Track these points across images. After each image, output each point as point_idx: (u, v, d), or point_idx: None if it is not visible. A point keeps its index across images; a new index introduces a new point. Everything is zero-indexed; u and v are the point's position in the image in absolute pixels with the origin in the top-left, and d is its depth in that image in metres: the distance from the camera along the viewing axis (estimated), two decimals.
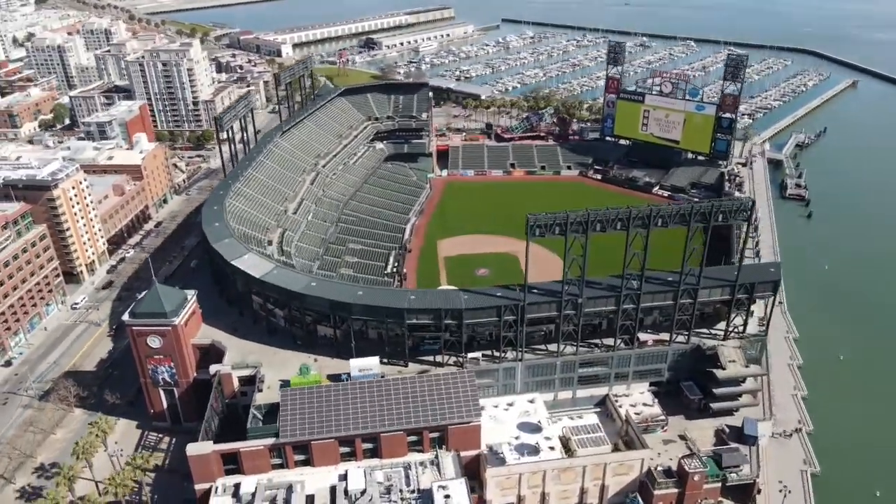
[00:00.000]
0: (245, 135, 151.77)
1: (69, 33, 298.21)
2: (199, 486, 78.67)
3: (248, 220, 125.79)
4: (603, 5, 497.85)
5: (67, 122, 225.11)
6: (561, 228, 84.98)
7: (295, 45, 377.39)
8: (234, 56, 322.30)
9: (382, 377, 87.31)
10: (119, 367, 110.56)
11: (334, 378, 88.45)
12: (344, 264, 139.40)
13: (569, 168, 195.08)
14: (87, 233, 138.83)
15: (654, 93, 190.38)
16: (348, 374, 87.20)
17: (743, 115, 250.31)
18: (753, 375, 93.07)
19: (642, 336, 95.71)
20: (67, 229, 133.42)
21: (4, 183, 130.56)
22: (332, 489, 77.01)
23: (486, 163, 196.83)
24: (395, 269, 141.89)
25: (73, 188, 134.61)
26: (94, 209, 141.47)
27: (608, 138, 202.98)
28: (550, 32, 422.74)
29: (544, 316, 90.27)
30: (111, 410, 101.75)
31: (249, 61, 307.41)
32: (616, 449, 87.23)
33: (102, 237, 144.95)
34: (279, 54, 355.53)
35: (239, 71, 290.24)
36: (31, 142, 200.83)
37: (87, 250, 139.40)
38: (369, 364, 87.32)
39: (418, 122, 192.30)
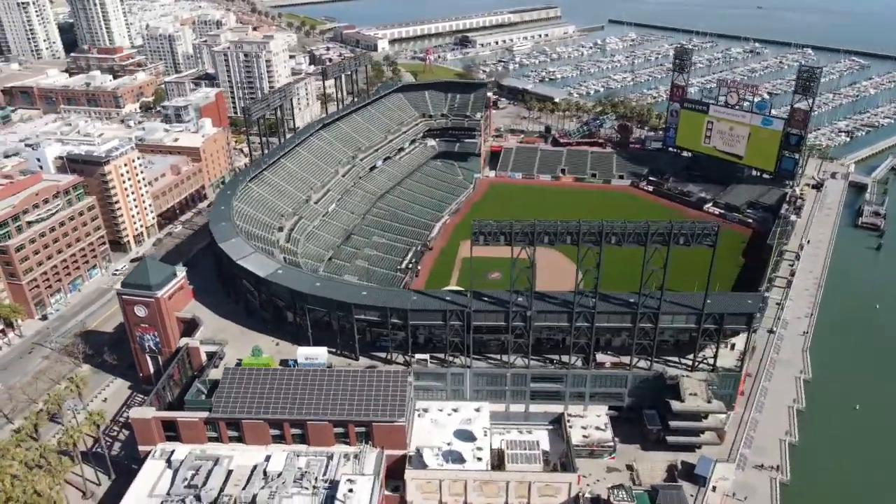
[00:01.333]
0: (286, 126, 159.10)
1: (182, 24, 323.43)
2: (142, 448, 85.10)
3: (266, 205, 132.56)
4: (731, 7, 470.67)
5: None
6: (506, 238, 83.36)
7: (391, 41, 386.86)
8: (328, 49, 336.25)
9: (329, 367, 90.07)
10: None
11: (284, 363, 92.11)
12: (362, 256, 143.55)
13: (621, 177, 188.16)
14: (136, 206, 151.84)
15: (719, 103, 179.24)
16: (295, 361, 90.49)
17: (841, 131, 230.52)
18: (713, 412, 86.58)
19: (600, 357, 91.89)
20: (116, 202, 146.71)
21: (68, 157, 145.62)
22: (254, 467, 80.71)
23: (536, 166, 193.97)
24: (409, 266, 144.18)
25: (125, 165, 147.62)
26: (145, 185, 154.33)
27: (670, 149, 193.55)
28: (655, 35, 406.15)
29: (492, 325, 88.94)
30: (111, 370, 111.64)
31: (340, 55, 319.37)
32: (554, 469, 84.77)
33: (152, 212, 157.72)
34: (375, 49, 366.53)
35: (328, 63, 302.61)
36: (122, 121, 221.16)
37: (135, 223, 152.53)
38: (316, 353, 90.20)
39: (471, 121, 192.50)
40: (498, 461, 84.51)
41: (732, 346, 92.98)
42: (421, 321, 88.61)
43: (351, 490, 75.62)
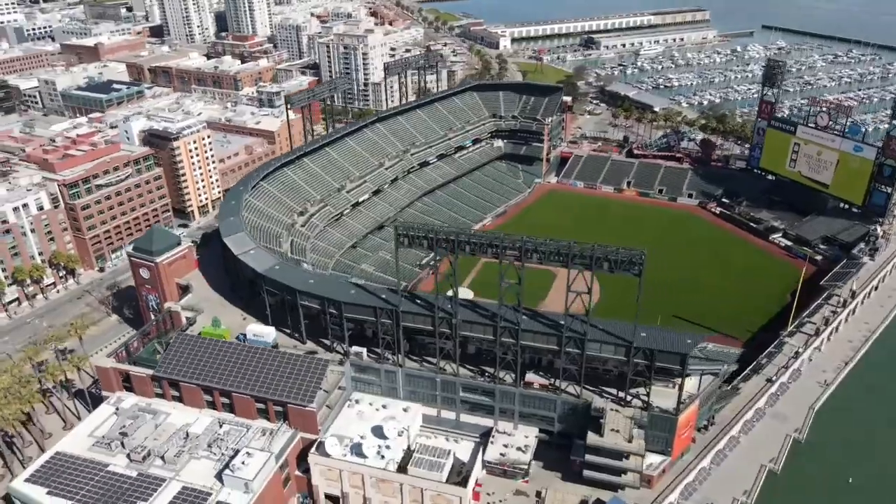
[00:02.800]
0: (332, 116, 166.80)
1: (314, 15, 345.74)
2: (104, 394, 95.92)
3: (295, 189, 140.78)
4: None
5: None
6: (429, 243, 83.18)
7: (514, 40, 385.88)
8: (445, 45, 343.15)
9: (275, 347, 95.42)
10: None
11: (238, 338, 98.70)
12: (387, 248, 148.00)
13: (690, 196, 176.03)
14: (202, 180, 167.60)
15: (808, 124, 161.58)
16: (245, 336, 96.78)
17: None
18: (631, 452, 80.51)
19: (531, 377, 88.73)
20: (183, 174, 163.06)
21: (147, 132, 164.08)
22: (182, 426, 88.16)
23: (601, 177, 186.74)
24: (430, 262, 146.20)
25: (195, 142, 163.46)
26: (213, 161, 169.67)
27: (756, 171, 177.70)
28: (808, 44, 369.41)
29: (419, 327, 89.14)
30: (131, 323, 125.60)
31: (454, 52, 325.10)
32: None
33: (219, 186, 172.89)
34: (497, 46, 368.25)
35: (438, 59, 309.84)
36: (235, 103, 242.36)
37: (200, 195, 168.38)
38: (264, 332, 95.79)
39: (540, 125, 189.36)
40: (405, 463, 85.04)
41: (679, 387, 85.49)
42: (354, 314, 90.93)
43: (244, 462, 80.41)
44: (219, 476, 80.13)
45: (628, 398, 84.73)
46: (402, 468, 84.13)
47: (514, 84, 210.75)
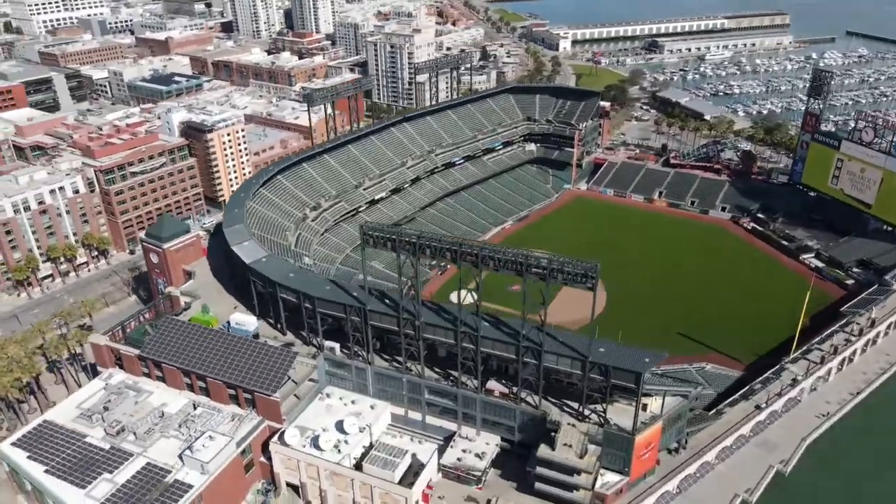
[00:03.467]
0: (359, 116, 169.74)
1: (381, 13, 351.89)
2: (99, 369, 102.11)
3: (311, 184, 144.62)
4: None
5: None
6: (392, 245, 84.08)
7: (575, 42, 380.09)
8: (501, 46, 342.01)
9: (255, 336, 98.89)
10: None
11: (224, 326, 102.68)
12: None
13: (723, 210, 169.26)
14: (235, 170, 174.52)
15: (853, 139, 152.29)
16: (229, 323, 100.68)
17: None
18: (580, 469, 78.79)
19: (492, 384, 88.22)
20: (216, 165, 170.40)
21: (186, 123, 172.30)
22: (160, 405, 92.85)
23: (632, 185, 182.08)
24: (439, 263, 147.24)
25: (229, 135, 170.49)
26: (246, 154, 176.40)
27: (798, 186, 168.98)
28: (894, 51, 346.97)
29: (386, 327, 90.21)
30: (146, 303, 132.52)
31: (508, 53, 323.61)
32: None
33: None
34: (556, 48, 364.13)
35: (490, 60, 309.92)
36: (282, 97, 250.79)
37: (232, 185, 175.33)
38: (246, 321, 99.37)
39: (573, 130, 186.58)
40: (363, 459, 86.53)
41: (644, 407, 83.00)
42: (326, 310, 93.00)
43: (204, 445, 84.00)
44: (181, 455, 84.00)
45: (588, 413, 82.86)
46: (359, 464, 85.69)
47: (551, 87, 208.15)
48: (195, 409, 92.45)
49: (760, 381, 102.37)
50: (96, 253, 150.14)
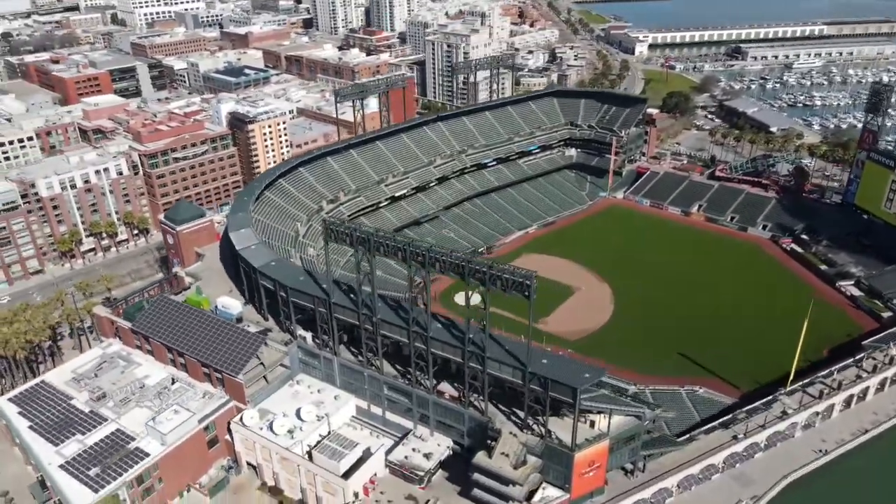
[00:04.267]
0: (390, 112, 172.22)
1: (449, 14, 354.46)
2: (102, 338, 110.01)
3: (332, 177, 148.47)
4: None
5: None
6: (350, 240, 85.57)
7: (653, 45, 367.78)
8: (571, 48, 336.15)
9: (238, 320, 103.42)
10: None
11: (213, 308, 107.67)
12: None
13: (763, 228, 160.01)
14: (274, 160, 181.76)
15: None
16: (216, 306, 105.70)
17: None
18: (511, 479, 77.32)
19: (443, 386, 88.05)
20: (255, 154, 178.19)
21: (231, 114, 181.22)
22: (143, 377, 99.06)
23: (671, 197, 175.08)
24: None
25: (269, 126, 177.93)
26: (287, 145, 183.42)
27: (852, 207, 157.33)
28: None
29: (349, 321, 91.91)
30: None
31: (576, 56, 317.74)
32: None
33: None
34: (632, 52, 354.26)
35: (555, 62, 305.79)
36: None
37: None
38: (230, 304, 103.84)
39: (615, 137, 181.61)
40: (312, 446, 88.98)
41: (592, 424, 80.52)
42: (298, 300, 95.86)
43: (168, 417, 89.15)
44: (146, 425, 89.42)
45: (532, 424, 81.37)
46: (311, 452, 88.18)
47: (597, 92, 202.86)
48: (173, 383, 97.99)
49: (746, 411, 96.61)
50: (137, 231, 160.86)
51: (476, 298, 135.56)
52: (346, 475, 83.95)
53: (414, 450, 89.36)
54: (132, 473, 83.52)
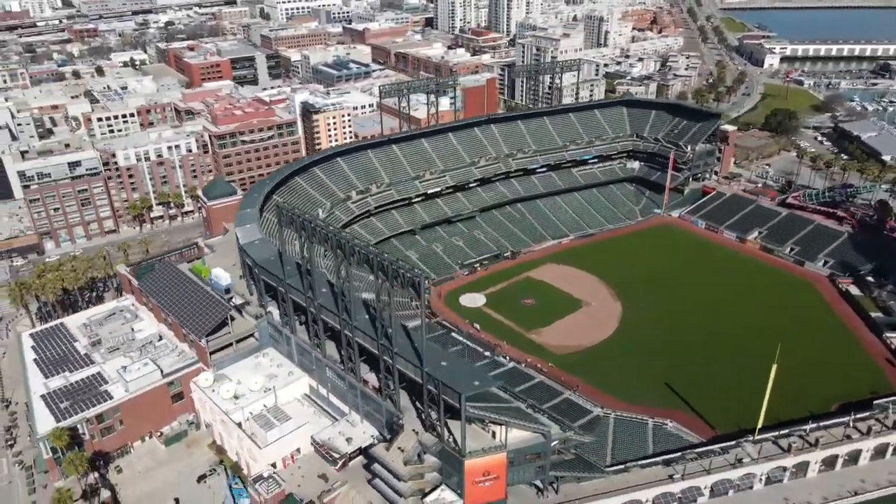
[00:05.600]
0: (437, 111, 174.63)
1: (564, 22, 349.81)
2: (123, 293, 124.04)
3: (366, 170, 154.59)
4: None
5: None
6: (296, 226, 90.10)
7: (787, 58, 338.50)
8: (688, 57, 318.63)
9: (227, 291, 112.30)
10: None
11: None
12: (444, 241, 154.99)
13: (824, 264, 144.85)
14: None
15: None
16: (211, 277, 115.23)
17: None
18: (398, 476, 78.00)
19: (368, 376, 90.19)
20: (318, 142, 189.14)
21: (303, 104, 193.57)
22: (137, 331, 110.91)
23: (730, 220, 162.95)
24: (477, 264, 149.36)
25: (334, 118, 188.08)
26: (351, 135, 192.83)
27: None
28: None
29: (300, 304, 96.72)
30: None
31: (688, 66, 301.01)
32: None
33: None
34: (761, 64, 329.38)
35: (666, 70, 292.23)
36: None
37: None
38: (222, 275, 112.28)
39: (679, 152, 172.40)
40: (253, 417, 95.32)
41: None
42: (266, 278, 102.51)
43: (137, 369, 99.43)
44: (118, 371, 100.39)
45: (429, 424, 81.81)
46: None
47: (668, 104, 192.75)
48: (160, 340, 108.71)
49: (697, 452, 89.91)
50: (201, 205, 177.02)
51: (481, 300, 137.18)
52: (266, 445, 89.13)
53: (340, 433, 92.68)
54: (93, 412, 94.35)
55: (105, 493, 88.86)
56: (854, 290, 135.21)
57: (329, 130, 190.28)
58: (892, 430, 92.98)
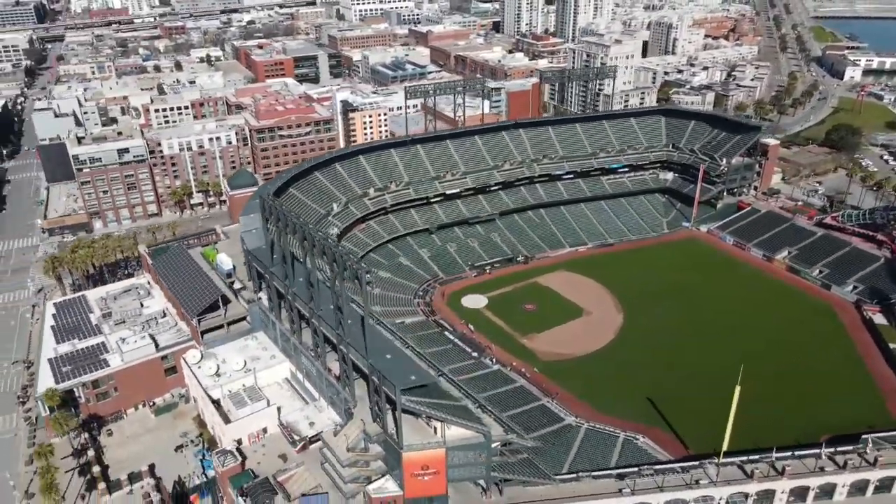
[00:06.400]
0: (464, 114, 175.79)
1: (631, 24, 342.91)
2: (143, 270, 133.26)
3: (386, 168, 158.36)
4: None
5: None
6: (269, 214, 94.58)
7: (873, 72, 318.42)
8: (757, 67, 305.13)
9: (228, 275, 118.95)
10: None
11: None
12: (459, 242, 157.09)
13: (853, 289, 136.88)
14: None
15: None
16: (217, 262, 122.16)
17: None
18: (336, 460, 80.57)
19: (332, 363, 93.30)
20: (354, 139, 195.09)
21: (342, 102, 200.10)
22: (145, 307, 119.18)
23: (759, 238, 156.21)
24: (486, 266, 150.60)
25: (370, 116, 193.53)
26: (387, 133, 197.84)
27: None
28: None
29: (280, 291, 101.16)
30: None
31: (753, 77, 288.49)
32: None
33: None
34: (841, 77, 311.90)
35: (730, 80, 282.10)
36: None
37: None
38: (225, 260, 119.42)
39: (713, 165, 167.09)
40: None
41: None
42: (257, 266, 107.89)
43: (134, 342, 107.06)
44: (117, 342, 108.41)
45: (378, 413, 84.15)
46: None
47: (709, 115, 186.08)
48: (164, 316, 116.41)
49: (655, 469, 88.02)
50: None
51: (483, 302, 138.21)
52: (232, 422, 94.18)
53: (305, 417, 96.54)
54: (89, 377, 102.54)
55: (90, 453, 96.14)
56: (879, 319, 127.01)
57: (365, 129, 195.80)
58: (872, 467, 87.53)
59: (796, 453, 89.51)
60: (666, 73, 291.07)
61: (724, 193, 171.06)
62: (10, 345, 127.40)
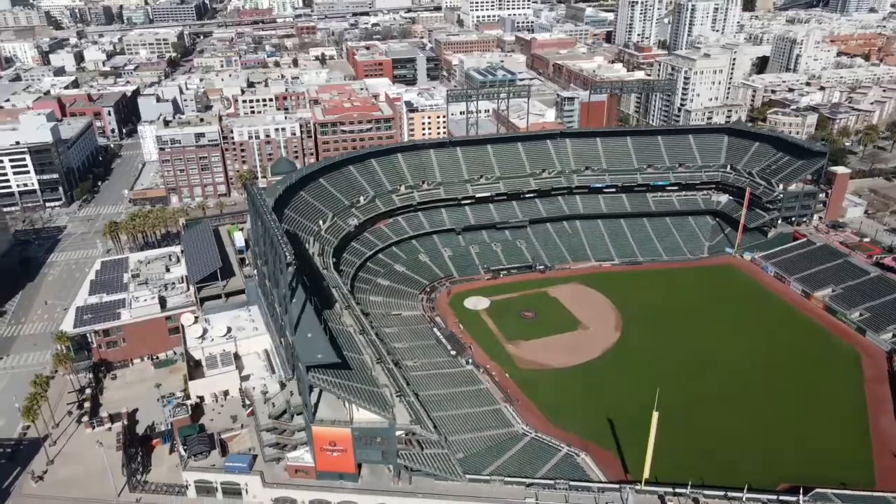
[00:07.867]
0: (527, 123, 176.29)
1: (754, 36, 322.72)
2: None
3: (420, 167, 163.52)
4: None
5: None
6: (253, 202, 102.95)
7: None
8: (884, 90, 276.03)
9: (239, 252, 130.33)
10: None
11: None
12: (482, 245, 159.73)
13: (892, 336, 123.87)
14: None
15: None
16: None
17: None
18: (261, 427, 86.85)
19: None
20: (413, 135, 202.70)
21: (406, 103, 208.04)
22: (169, 273, 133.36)
23: (802, 273, 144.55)
24: (500, 270, 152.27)
25: (429, 117, 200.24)
26: (444, 131, 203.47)
27: None
28: None
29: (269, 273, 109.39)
30: None
31: (874, 101, 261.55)
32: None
33: None
34: None
35: (841, 102, 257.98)
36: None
37: None
38: (239, 237, 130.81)
39: (766, 190, 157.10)
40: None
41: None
42: (256, 248, 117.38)
43: (144, 300, 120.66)
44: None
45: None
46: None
47: (775, 137, 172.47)
48: (182, 282, 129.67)
49: (569, 486, 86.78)
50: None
51: (484, 305, 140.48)
52: (195, 380, 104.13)
53: (264, 384, 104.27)
54: (101, 326, 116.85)
55: (87, 391, 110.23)
56: None
57: (423, 129, 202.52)
58: None
59: (722, 493, 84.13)
60: (773, 91, 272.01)
61: (780, 221, 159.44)
62: (70, 292, 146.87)
